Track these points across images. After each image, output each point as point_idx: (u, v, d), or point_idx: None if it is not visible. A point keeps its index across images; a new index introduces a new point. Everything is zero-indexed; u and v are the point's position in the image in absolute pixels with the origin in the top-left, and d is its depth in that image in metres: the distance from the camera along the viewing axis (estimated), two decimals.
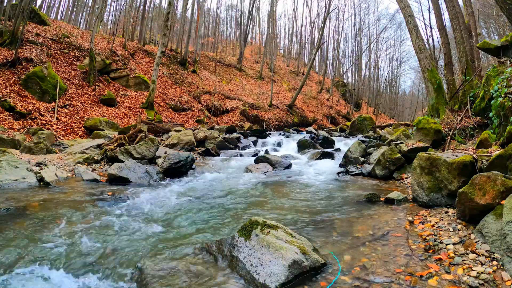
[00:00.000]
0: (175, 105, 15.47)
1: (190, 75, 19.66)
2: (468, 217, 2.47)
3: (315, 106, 25.18)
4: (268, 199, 3.83)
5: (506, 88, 4.60)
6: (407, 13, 9.54)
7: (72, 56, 13.22)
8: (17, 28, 11.35)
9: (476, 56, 9.04)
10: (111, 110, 11.72)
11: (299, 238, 2.19)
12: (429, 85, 8.78)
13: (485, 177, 2.32)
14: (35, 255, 2.20)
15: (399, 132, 7.78)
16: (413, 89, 49.82)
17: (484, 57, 14.29)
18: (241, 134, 10.83)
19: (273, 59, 27.59)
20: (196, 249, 2.28)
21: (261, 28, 41.38)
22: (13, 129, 7.80)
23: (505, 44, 6.19)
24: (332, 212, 3.22)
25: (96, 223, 2.85)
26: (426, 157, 3.32)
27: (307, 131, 15.07)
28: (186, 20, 25.34)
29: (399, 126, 12.64)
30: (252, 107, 19.14)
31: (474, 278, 1.79)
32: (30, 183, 4.11)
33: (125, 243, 2.46)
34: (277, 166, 6.03)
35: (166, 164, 5.18)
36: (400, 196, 3.48)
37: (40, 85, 9.65)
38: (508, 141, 3.90)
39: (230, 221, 3.01)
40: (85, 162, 5.62)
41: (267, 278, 1.82)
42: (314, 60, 27.07)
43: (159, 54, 13.10)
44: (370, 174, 5.18)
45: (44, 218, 2.88)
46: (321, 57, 36.02)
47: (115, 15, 25.26)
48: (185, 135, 7.62)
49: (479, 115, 6.32)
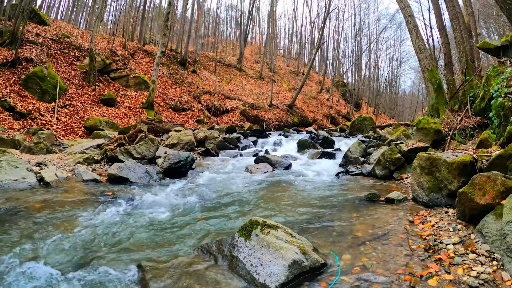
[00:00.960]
0: (175, 105, 15.46)
1: (190, 75, 19.66)
2: (468, 217, 2.47)
3: (315, 106, 25.18)
4: (268, 199, 3.83)
5: (506, 88, 4.60)
6: (407, 13, 9.54)
7: (72, 56, 13.22)
8: (17, 28, 11.35)
9: (476, 56, 9.04)
10: (111, 110, 11.72)
11: (299, 238, 2.19)
12: (429, 85, 8.78)
13: (485, 177, 2.32)
14: (35, 254, 2.20)
15: (399, 132, 7.78)
16: (413, 89, 49.86)
17: (484, 57, 14.29)
18: (241, 134, 10.83)
19: (273, 59, 27.59)
20: (196, 249, 2.28)
21: (261, 28, 41.42)
22: (13, 129, 7.80)
23: (505, 44, 6.19)
24: (332, 212, 3.22)
25: (96, 223, 2.85)
26: (426, 157, 3.32)
27: (307, 131, 15.06)
28: (186, 20, 25.34)
29: (399, 126, 12.64)
30: (252, 107, 19.14)
31: (474, 278, 1.79)
32: (30, 183, 4.11)
33: (125, 242, 2.46)
34: (277, 166, 6.03)
35: (166, 164, 5.17)
36: (400, 196, 3.48)
37: (40, 85, 9.65)
38: (508, 141, 3.90)
39: (230, 221, 3.01)
40: (85, 162, 5.62)
41: (267, 278, 1.82)
42: (314, 60, 27.07)
43: (159, 54, 13.10)
44: (370, 174, 5.18)
45: (44, 218, 2.88)
46: (321, 57, 36.05)
47: (115, 15, 25.28)
48: (185, 135, 7.62)
49: (479, 115, 6.32)
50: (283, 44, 43.99)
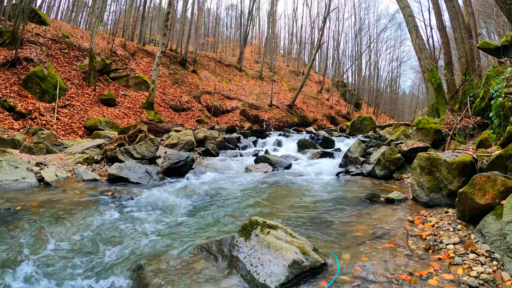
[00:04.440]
0: (175, 105, 15.46)
1: (190, 75, 19.66)
2: (468, 217, 2.47)
3: (315, 106, 25.18)
4: (268, 199, 3.83)
5: (506, 88, 4.60)
6: (407, 13, 9.55)
7: (72, 56, 13.22)
8: (17, 28, 11.35)
9: (476, 56, 9.04)
10: (111, 110, 11.72)
11: (299, 238, 2.19)
12: (429, 85, 8.78)
13: (485, 177, 2.32)
14: (34, 254, 2.20)
15: (399, 132, 7.78)
16: (413, 89, 49.85)
17: (484, 57, 14.30)
18: (241, 134, 10.82)
19: (273, 59, 27.60)
20: (196, 249, 2.28)
21: (261, 28, 41.44)
22: (13, 129, 7.80)
23: (505, 44, 6.19)
24: (332, 211, 3.22)
25: (95, 223, 2.85)
26: (426, 157, 3.32)
27: (307, 131, 15.05)
28: (186, 20, 25.33)
29: (399, 126, 12.64)
30: (252, 107, 19.14)
31: (474, 278, 1.79)
32: (30, 183, 4.11)
33: (125, 242, 2.46)
34: (277, 166, 6.03)
35: (166, 164, 5.17)
36: (400, 196, 3.48)
37: (40, 85, 9.64)
38: (508, 141, 3.91)
39: (230, 221, 3.01)
40: (85, 162, 5.62)
41: (267, 278, 1.82)
42: (314, 60, 27.06)
43: (159, 54, 13.10)
44: (370, 174, 5.18)
45: (44, 218, 2.88)
46: (321, 57, 36.05)
47: (115, 15, 25.30)
48: (185, 135, 7.62)
49: (479, 115, 6.32)
50: (283, 44, 44.04)
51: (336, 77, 34.03)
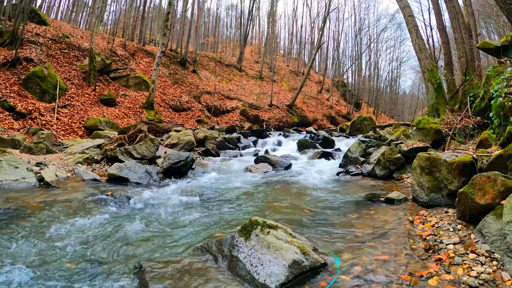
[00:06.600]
0: (175, 105, 15.46)
1: (190, 75, 19.66)
2: (468, 217, 2.47)
3: (315, 106, 25.18)
4: (268, 199, 3.83)
5: (506, 88, 4.60)
6: (407, 13, 9.55)
7: (72, 56, 13.22)
8: (17, 28, 11.35)
9: (476, 56, 9.03)
10: (111, 110, 11.72)
11: (299, 238, 2.19)
12: (429, 85, 8.78)
13: (485, 177, 2.32)
14: (34, 254, 2.20)
15: (399, 132, 7.77)
16: (413, 89, 49.82)
17: (484, 57, 14.29)
18: (241, 134, 10.83)
19: (273, 59, 27.60)
20: (196, 249, 2.28)
21: (261, 28, 41.41)
22: (13, 129, 7.80)
23: (505, 44, 6.19)
24: (332, 211, 3.22)
25: (96, 222, 2.85)
26: (426, 157, 3.32)
27: (307, 131, 15.04)
28: (186, 20, 25.32)
29: (399, 126, 12.64)
30: (252, 107, 19.14)
31: (474, 278, 1.79)
32: (30, 183, 4.11)
33: (125, 242, 2.45)
34: (277, 166, 6.03)
35: (166, 164, 5.17)
36: (400, 196, 3.48)
37: (40, 85, 9.64)
38: (508, 141, 3.90)
39: (230, 221, 3.01)
40: (85, 162, 5.62)
41: (267, 278, 1.81)
42: (314, 60, 27.07)
43: (159, 54, 13.10)
44: (370, 174, 5.18)
45: (44, 218, 2.88)
46: (321, 57, 36.05)
47: (115, 15, 25.27)
48: (185, 135, 7.62)
49: (479, 115, 6.31)
50: (283, 44, 44.02)
51: (336, 77, 34.04)
